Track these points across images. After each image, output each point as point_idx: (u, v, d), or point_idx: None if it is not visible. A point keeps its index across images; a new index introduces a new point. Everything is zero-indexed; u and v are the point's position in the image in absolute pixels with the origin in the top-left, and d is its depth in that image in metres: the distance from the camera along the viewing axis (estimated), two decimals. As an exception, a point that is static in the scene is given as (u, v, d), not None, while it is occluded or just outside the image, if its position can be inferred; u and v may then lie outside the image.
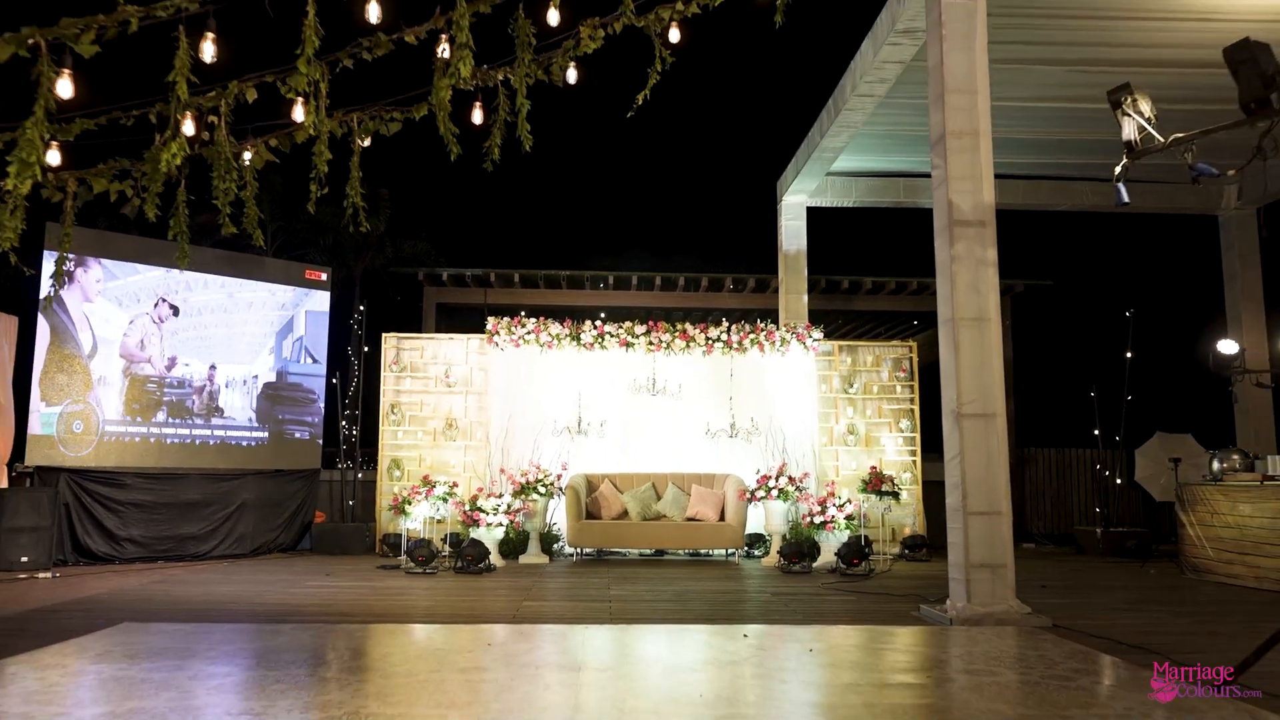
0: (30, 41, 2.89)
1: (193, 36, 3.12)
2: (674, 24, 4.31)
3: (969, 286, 5.46)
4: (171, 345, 8.70)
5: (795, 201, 10.59)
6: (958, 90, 5.59)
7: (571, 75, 4.30)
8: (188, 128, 3.77)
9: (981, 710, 3.08)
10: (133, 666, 3.55)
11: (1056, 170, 10.29)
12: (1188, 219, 10.93)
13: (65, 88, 3.14)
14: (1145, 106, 3.74)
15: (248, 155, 4.13)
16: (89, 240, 8.33)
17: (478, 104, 3.69)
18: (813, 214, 10.76)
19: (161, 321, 8.67)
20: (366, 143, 4.20)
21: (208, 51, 3.22)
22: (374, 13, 3.35)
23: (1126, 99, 3.72)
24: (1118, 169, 3.84)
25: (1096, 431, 10.28)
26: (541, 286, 12.25)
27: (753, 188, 11.38)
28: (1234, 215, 10.62)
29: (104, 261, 8.37)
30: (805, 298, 10.63)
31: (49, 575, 7.12)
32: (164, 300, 8.68)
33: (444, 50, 3.85)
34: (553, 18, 4.03)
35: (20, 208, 3.30)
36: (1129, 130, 3.72)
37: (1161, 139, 3.66)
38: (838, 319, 13.03)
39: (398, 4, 3.76)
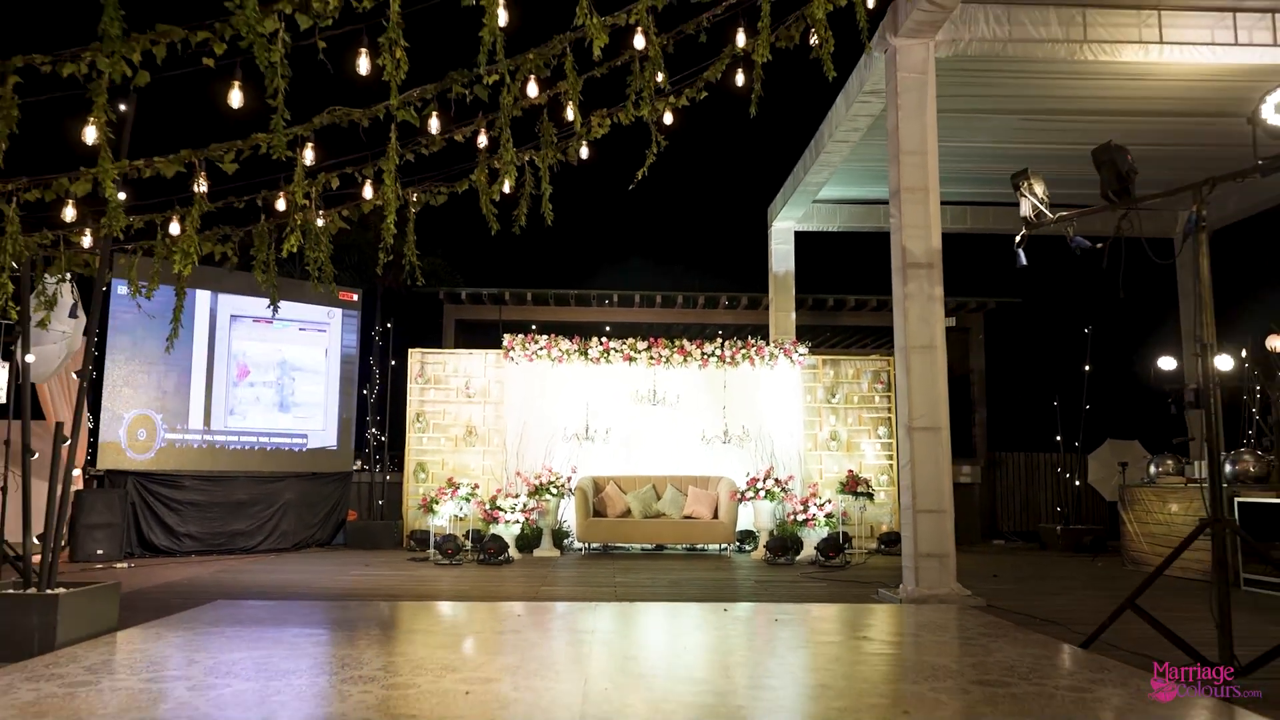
0: (187, 160, 3.87)
1: (297, 148, 4.09)
2: (667, 110, 5.31)
3: (919, 318, 6.44)
4: (236, 360, 9.71)
5: (784, 227, 11.58)
6: (911, 152, 6.58)
7: (584, 153, 5.30)
8: (279, 204, 4.78)
9: (899, 656, 4.06)
10: (244, 630, 4.55)
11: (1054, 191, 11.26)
12: (1146, 242, 11.86)
13: (202, 184, 4.13)
14: (1039, 189, 4.72)
15: (320, 221, 5.13)
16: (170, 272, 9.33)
17: (508, 179, 4.65)
18: (800, 237, 11.74)
19: (232, 343, 9.67)
20: (416, 209, 5.20)
21: (309, 156, 4.20)
22: (435, 125, 4.34)
23: (1024, 183, 4.71)
24: (1018, 238, 4.82)
25: (1059, 437, 11.25)
26: (552, 304, 13.25)
27: (745, 213, 12.34)
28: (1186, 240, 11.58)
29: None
30: (793, 314, 11.63)
31: (125, 565, 8.14)
32: (240, 319, 9.68)
33: (483, 142, 4.85)
34: (569, 113, 5.01)
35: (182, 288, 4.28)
36: (1025, 208, 4.70)
37: (1050, 215, 4.64)
38: (825, 332, 14.03)
39: (448, 107, 4.75)
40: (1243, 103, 7.80)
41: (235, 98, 3.51)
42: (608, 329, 10.95)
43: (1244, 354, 10.30)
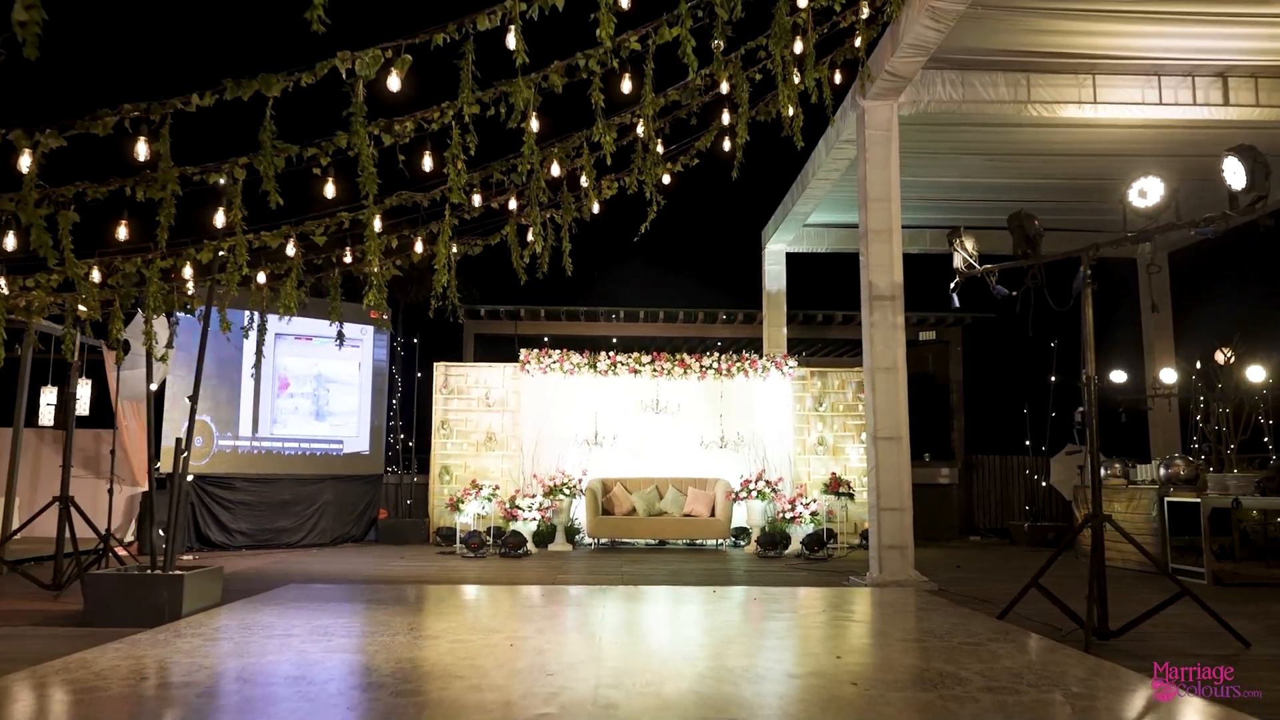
0: (286, 234, 4.97)
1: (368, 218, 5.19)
2: (665, 174, 6.37)
3: (884, 343, 7.48)
4: (278, 375, 10.80)
5: (776, 249, 12.62)
6: (877, 199, 7.62)
7: (595, 208, 6.36)
8: (346, 256, 5.86)
9: (849, 624, 5.11)
10: (322, 603, 5.61)
11: (1000, 222, 12.28)
12: (1111, 262, 12.89)
13: (290, 248, 5.23)
14: (970, 244, 5.76)
15: (375, 268, 6.20)
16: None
17: (537, 244, 5.70)
18: (792, 258, 12.78)
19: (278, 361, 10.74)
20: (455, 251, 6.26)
21: (377, 224, 5.28)
22: (477, 200, 5.40)
23: (956, 240, 5.75)
24: (952, 284, 5.85)
25: (1028, 442, 12.27)
26: (563, 319, 14.31)
27: (741, 235, 13.36)
28: (1149, 259, 12.60)
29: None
30: (785, 329, 12.67)
31: (190, 557, 9.22)
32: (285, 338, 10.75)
33: (513, 205, 5.91)
34: (583, 180, 6.06)
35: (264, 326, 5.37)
36: (957, 260, 5.74)
37: (979, 268, 5.68)
38: (816, 345, 15.09)
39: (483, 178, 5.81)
40: (1174, 144, 8.86)
41: (329, 190, 4.57)
42: (614, 341, 11.97)
43: (1198, 365, 11.36)
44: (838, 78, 6.67)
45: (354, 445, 11.45)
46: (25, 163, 3.62)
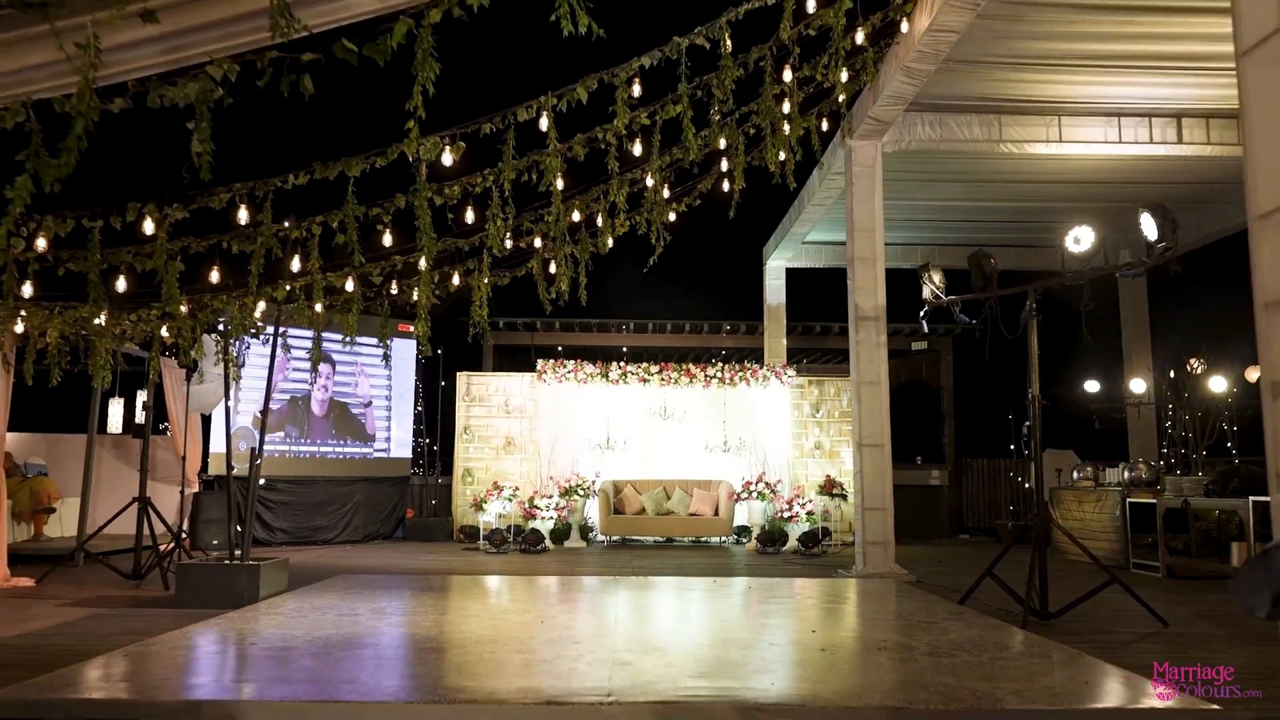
0: (349, 274, 5.83)
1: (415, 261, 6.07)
2: (670, 213, 7.21)
3: (868, 360, 8.31)
4: (323, 387, 11.70)
5: (776, 265, 13.45)
6: (862, 229, 8.44)
7: (609, 242, 7.21)
8: (393, 288, 6.73)
9: (831, 608, 5.95)
10: (374, 590, 6.48)
11: (985, 241, 13.11)
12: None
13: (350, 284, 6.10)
14: (937, 278, 6.59)
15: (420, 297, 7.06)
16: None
17: (563, 281, 6.56)
18: (791, 272, 13.61)
19: (322, 375, 11.66)
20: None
21: (422, 264, 6.16)
22: (509, 243, 6.27)
23: (925, 273, 6.57)
24: (921, 312, 6.68)
25: (1013, 446, 13.08)
26: (576, 330, 15.18)
27: (743, 252, 14.19)
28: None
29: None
30: (784, 340, 13.51)
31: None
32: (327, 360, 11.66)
33: (538, 243, 6.77)
34: (599, 221, 6.91)
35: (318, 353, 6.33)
36: (926, 292, 6.56)
37: (944, 299, 6.51)
38: (814, 353, 15.92)
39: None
40: (1133, 174, 9.68)
41: (387, 238, 5.44)
42: (624, 351, 12.79)
43: (1171, 374, 12.15)
44: (824, 125, 7.51)
45: (383, 449, 12.34)
46: (150, 227, 4.49)
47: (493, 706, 3.37)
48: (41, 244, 4.40)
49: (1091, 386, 11.19)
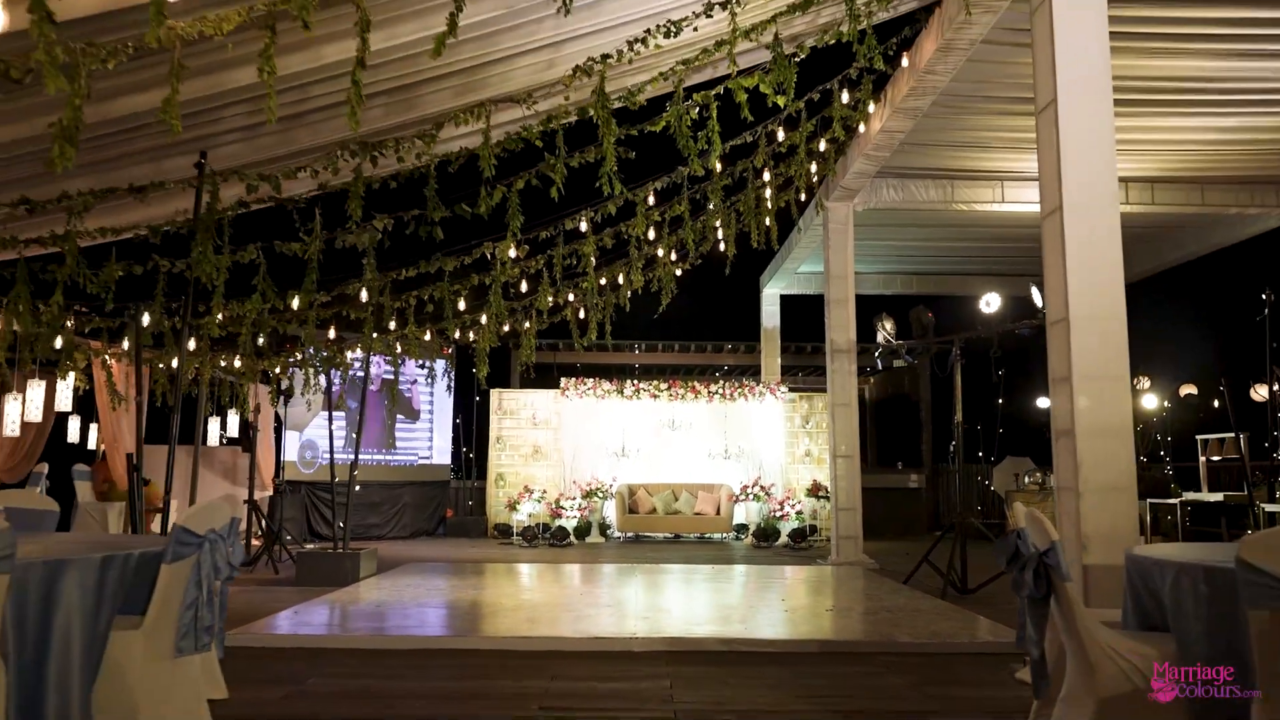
0: (428, 330, 7.60)
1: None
2: (677, 269, 8.93)
3: (841, 386, 10.00)
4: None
5: (772, 293, 15.16)
6: (837, 276, 10.13)
7: (627, 294, 8.94)
8: (455, 334, 8.49)
9: (804, 583, 7.66)
10: (443, 573, 8.21)
11: (948, 270, 14.79)
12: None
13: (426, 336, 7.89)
14: (889, 325, 8.29)
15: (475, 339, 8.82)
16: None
17: (583, 311, 8.29)
18: (785, 298, 15.31)
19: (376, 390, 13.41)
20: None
21: (483, 318, 7.89)
22: (550, 299, 8.00)
23: (879, 322, 8.27)
24: (877, 353, 8.38)
25: (981, 454, 14.76)
26: (594, 349, 16.93)
27: (743, 281, 15.89)
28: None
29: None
30: (779, 359, 15.21)
31: (311, 546, 11.88)
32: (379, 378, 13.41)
33: (570, 297, 8.51)
34: (619, 279, 8.62)
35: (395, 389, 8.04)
36: (880, 337, 8.27)
37: (894, 343, 8.21)
38: (808, 369, 17.61)
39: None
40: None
41: (461, 304, 7.19)
42: (636, 368, 14.46)
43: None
44: (803, 197, 9.22)
45: (427, 456, 14.11)
46: (296, 303, 6.24)
47: (557, 639, 5.10)
48: (220, 316, 6.13)
49: (1043, 402, 12.84)
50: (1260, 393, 11.20)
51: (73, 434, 10.31)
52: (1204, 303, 14.32)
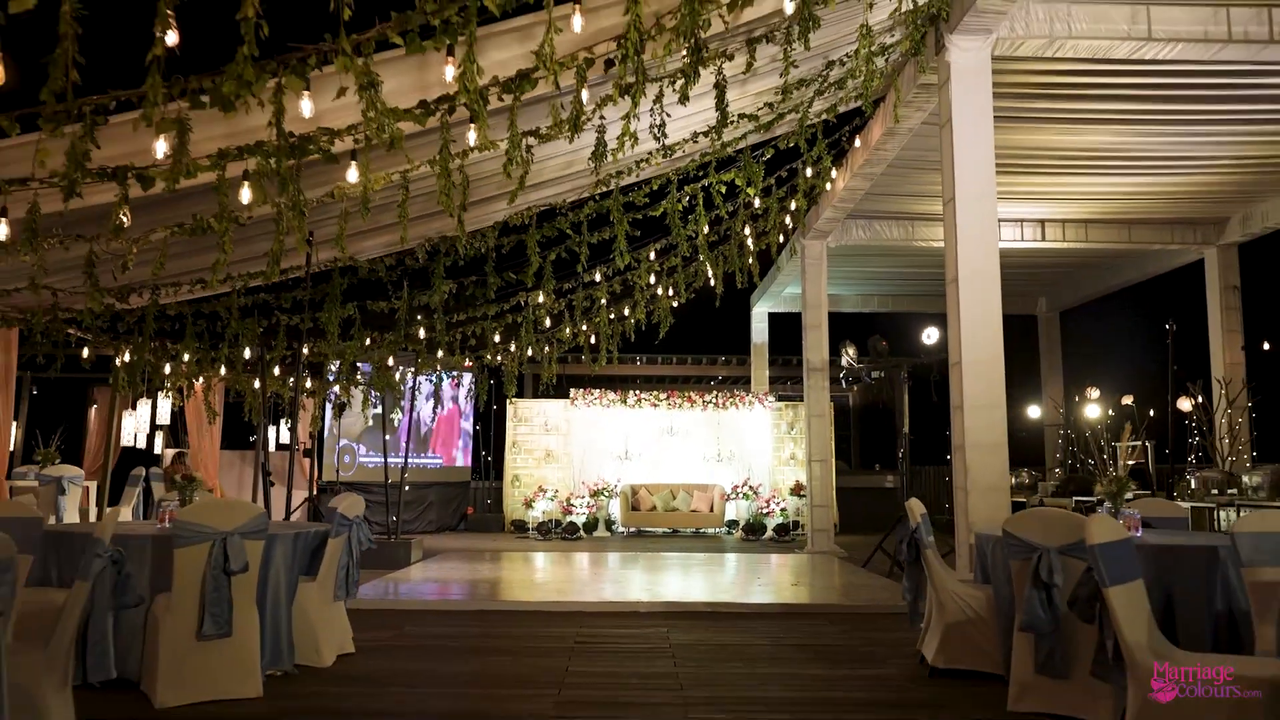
0: (463, 362, 9.17)
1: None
2: (674, 302, 10.52)
3: (815, 400, 11.59)
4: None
5: (761, 311, 16.75)
6: (812, 304, 11.73)
7: (632, 323, 10.54)
8: (487, 356, 10.09)
9: (779, 567, 9.26)
10: (478, 560, 9.80)
11: (914, 291, 16.38)
12: (1012, 318, 16.92)
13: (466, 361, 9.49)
14: (851, 351, 9.88)
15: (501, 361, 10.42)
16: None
17: (595, 337, 9.88)
18: (773, 316, 16.90)
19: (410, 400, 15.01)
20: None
21: (513, 346, 9.48)
22: (568, 333, 9.56)
23: (843, 348, 9.86)
24: (841, 374, 9.97)
25: (948, 457, 16.34)
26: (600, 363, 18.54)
27: (736, 301, 17.47)
28: (1045, 317, 16.63)
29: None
30: (767, 371, 16.81)
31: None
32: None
33: (583, 326, 10.12)
34: (625, 310, 10.22)
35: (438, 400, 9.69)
36: (844, 360, 9.85)
37: (859, 367, 9.80)
38: (796, 379, 19.22)
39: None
40: (1014, 255, 12.94)
41: (496, 338, 8.79)
42: (638, 380, 16.01)
43: (1063, 403, 15.28)
44: (781, 238, 10.82)
45: (450, 459, 15.70)
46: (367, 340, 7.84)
47: (581, 603, 6.70)
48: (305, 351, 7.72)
49: (1033, 412, 14.44)
50: (1183, 405, 12.80)
51: (139, 441, 12.01)
52: (1146, 322, 15.93)
